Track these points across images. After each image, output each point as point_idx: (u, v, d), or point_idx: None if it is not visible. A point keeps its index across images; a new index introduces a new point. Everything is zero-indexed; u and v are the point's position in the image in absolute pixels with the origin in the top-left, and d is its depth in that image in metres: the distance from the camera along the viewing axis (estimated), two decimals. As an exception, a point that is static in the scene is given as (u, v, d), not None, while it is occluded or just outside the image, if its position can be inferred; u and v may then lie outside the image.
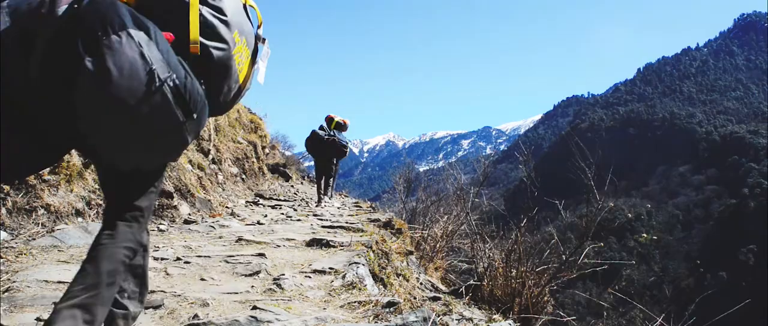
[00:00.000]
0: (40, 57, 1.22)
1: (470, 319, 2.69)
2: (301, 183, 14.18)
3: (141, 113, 1.22)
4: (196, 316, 1.92)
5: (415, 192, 10.69)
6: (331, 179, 8.68)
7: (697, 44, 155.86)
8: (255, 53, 1.70)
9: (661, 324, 3.71)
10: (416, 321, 1.95)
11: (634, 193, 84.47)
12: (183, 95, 1.29)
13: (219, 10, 1.48)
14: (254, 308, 2.03)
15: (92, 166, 3.51)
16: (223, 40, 1.49)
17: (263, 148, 11.16)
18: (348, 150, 8.50)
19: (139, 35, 1.23)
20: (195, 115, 1.33)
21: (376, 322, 2.03)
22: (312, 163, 9.50)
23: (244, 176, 8.69)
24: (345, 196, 13.36)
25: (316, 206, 7.66)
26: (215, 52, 1.47)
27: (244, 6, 1.63)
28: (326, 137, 8.08)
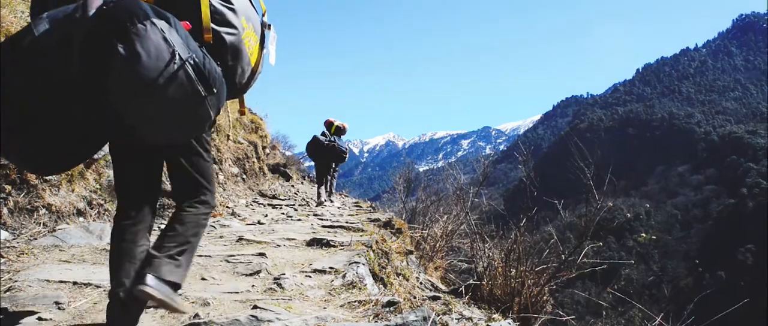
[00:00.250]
0: (77, 53, 1.39)
1: (470, 318, 2.69)
2: (302, 183, 14.18)
3: (168, 90, 1.40)
4: (197, 315, 1.92)
5: (415, 192, 10.69)
6: (332, 182, 8.88)
7: (696, 45, 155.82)
8: (263, 39, 1.90)
9: (660, 323, 3.72)
10: (416, 321, 1.95)
11: (633, 193, 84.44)
12: (203, 72, 1.47)
13: (229, 3, 1.69)
14: (255, 307, 2.03)
15: (93, 167, 3.52)
16: (232, 26, 1.69)
17: (264, 148, 11.17)
18: (347, 155, 8.79)
19: (160, 23, 1.42)
20: (215, 90, 1.51)
21: (376, 321, 2.03)
22: (312, 163, 9.72)
23: (244, 176, 8.69)
24: (345, 196, 13.36)
25: (317, 206, 7.81)
26: (227, 37, 1.67)
27: None
28: (327, 143, 8.35)
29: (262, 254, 3.15)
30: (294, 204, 7.69)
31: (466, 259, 6.30)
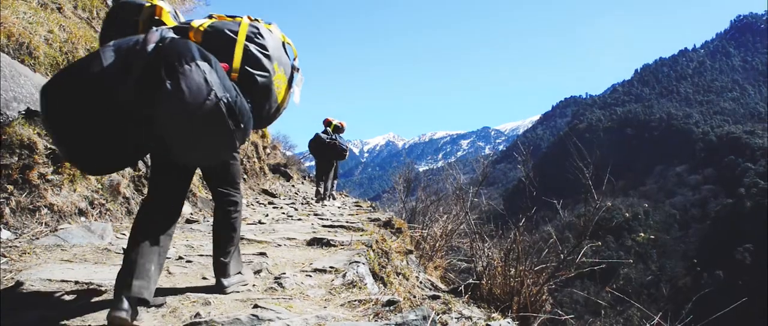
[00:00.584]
0: (134, 81, 1.67)
1: (469, 318, 2.69)
2: (302, 183, 14.18)
3: (203, 122, 1.68)
4: (197, 315, 1.92)
5: (414, 191, 10.68)
6: (333, 180, 9.06)
7: (694, 45, 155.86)
8: (291, 80, 2.19)
9: (659, 322, 3.72)
10: (416, 320, 1.95)
11: (632, 193, 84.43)
12: (234, 109, 1.73)
13: (263, 47, 2.01)
14: (255, 307, 2.03)
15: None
16: (265, 69, 2.01)
17: (264, 148, 11.17)
18: (347, 153, 9.01)
19: (203, 65, 1.70)
20: (242, 125, 1.78)
21: (376, 321, 2.03)
22: (312, 163, 9.92)
23: (245, 176, 8.69)
24: (345, 196, 13.36)
25: (317, 203, 7.98)
26: (259, 79, 1.99)
27: (283, 43, 2.16)
28: (328, 140, 8.56)
29: (262, 253, 3.16)
30: (294, 204, 7.69)
31: (465, 259, 6.30)
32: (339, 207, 7.83)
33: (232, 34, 1.96)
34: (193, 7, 7.95)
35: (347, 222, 5.06)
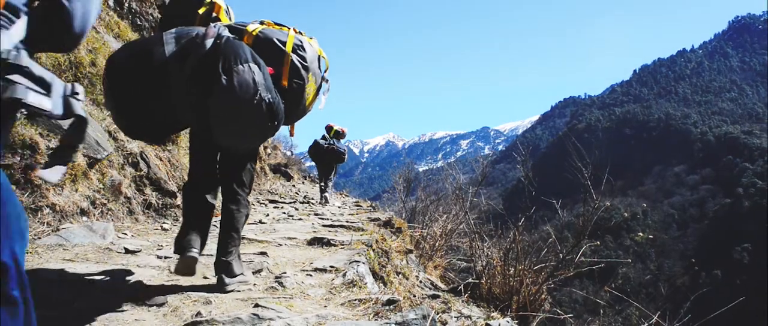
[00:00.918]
0: (189, 71, 1.98)
1: (469, 317, 2.69)
2: (303, 183, 14.18)
3: (246, 116, 1.97)
4: (199, 314, 1.92)
5: (414, 191, 10.69)
6: (330, 180, 9.50)
7: (692, 46, 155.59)
8: (319, 89, 2.48)
9: (657, 321, 3.71)
10: (416, 319, 1.95)
11: (631, 193, 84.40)
12: (272, 109, 2.02)
13: (303, 59, 2.28)
14: (256, 306, 2.03)
15: (96, 167, 3.52)
16: (301, 78, 2.28)
17: (265, 148, 11.17)
18: (346, 156, 9.58)
19: (254, 67, 1.98)
20: (277, 122, 2.09)
21: (376, 320, 2.03)
22: (313, 163, 10.38)
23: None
24: (345, 196, 13.36)
25: (319, 203, 8.35)
26: (295, 85, 2.27)
27: (319, 56, 2.42)
28: (326, 146, 9.09)
29: (263, 253, 3.15)
30: (295, 204, 7.69)
31: (465, 258, 6.30)
32: (339, 207, 7.83)
33: (280, 44, 2.23)
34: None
35: (347, 221, 5.06)
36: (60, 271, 2.30)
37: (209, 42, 2.01)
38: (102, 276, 2.30)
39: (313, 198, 9.15)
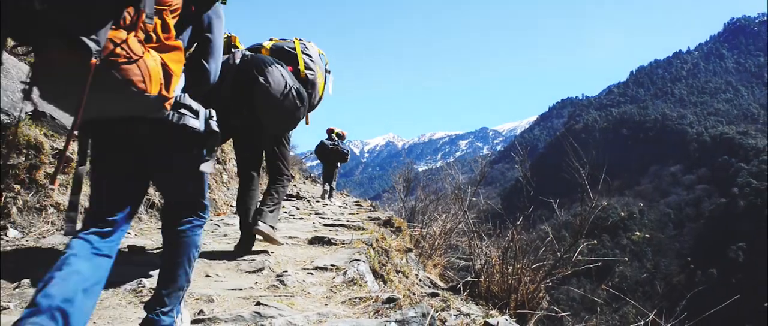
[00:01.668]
0: (229, 84, 2.69)
1: (468, 315, 2.69)
2: (304, 182, 14.18)
3: (284, 103, 2.69)
4: (201, 312, 1.92)
5: (414, 191, 10.70)
6: (333, 179, 10.03)
7: (688, 47, 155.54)
8: (325, 79, 3.22)
9: (654, 319, 3.71)
10: (415, 317, 1.95)
11: (627, 192, 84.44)
12: (300, 94, 2.76)
13: (309, 56, 3.07)
14: (258, 304, 2.03)
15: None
16: (312, 70, 3.04)
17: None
18: (349, 155, 10.29)
19: (278, 67, 2.72)
20: (304, 105, 2.81)
21: (376, 318, 2.03)
22: (314, 162, 10.78)
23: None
24: (346, 195, 13.36)
25: (322, 197, 9.02)
26: (309, 76, 3.02)
27: (319, 54, 3.20)
28: (331, 146, 9.78)
29: (265, 252, 3.15)
30: (296, 203, 7.69)
31: (464, 257, 6.30)
32: (340, 207, 7.83)
33: (291, 49, 3.03)
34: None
35: (348, 221, 5.06)
36: (64, 270, 2.31)
37: (238, 60, 2.71)
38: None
39: (313, 197, 9.33)
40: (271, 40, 3.13)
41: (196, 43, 1.63)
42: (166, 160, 1.51)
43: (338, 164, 10.14)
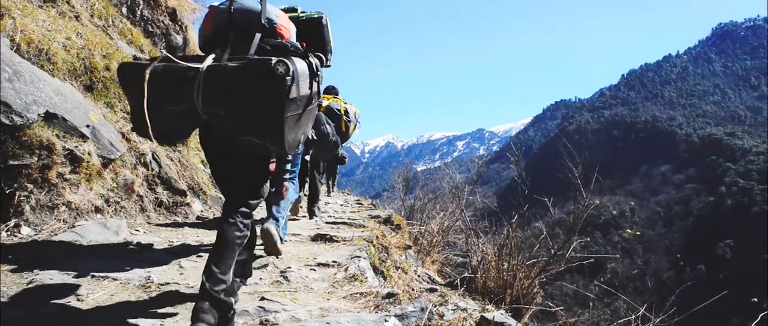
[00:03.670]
0: None
1: (465, 309, 2.69)
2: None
3: (328, 146, 4.53)
4: (208, 306, 1.92)
5: (413, 190, 10.70)
6: (334, 178, 10.10)
7: (678, 52, 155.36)
8: (355, 127, 5.22)
9: (644, 314, 3.71)
10: (414, 311, 1.95)
11: (619, 191, 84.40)
12: (337, 142, 4.75)
13: (348, 116, 5.07)
14: (262, 299, 2.03)
15: (110, 167, 3.51)
16: (347, 125, 5.06)
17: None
18: (346, 160, 10.19)
19: (327, 126, 4.42)
20: (339, 146, 4.95)
21: (376, 312, 2.02)
22: None
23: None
24: (347, 194, 13.35)
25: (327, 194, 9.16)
26: (345, 128, 5.04)
27: (354, 113, 5.04)
28: None
29: (269, 249, 3.15)
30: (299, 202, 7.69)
31: (461, 254, 6.30)
32: (341, 205, 7.82)
33: (337, 111, 4.90)
34: (202, 17, 7.89)
35: (349, 219, 5.06)
36: (76, 266, 2.30)
37: None
38: (116, 271, 2.30)
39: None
40: (327, 94, 4.90)
41: None
42: None
43: (337, 166, 10.27)
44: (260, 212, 3.64)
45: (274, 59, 1.55)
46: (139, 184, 3.82)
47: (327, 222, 4.75)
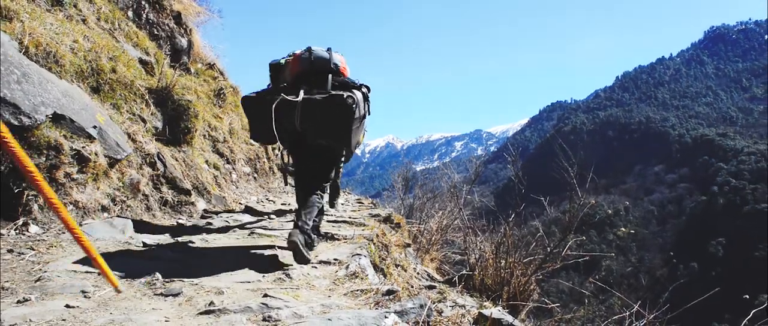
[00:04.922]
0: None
1: (463, 306, 2.69)
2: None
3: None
4: (211, 303, 1.92)
5: (412, 189, 10.70)
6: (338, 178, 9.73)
7: (671, 54, 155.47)
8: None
9: (638, 310, 3.71)
10: (413, 308, 1.95)
11: (613, 191, 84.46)
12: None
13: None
14: (265, 296, 2.03)
15: (116, 166, 3.51)
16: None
17: (274, 149, 11.15)
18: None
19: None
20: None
21: (377, 309, 2.02)
22: None
23: (256, 175, 8.68)
24: (348, 193, 13.34)
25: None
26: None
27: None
28: None
29: (272, 246, 3.15)
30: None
31: (459, 251, 6.30)
32: (342, 204, 7.82)
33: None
34: (207, 20, 7.90)
35: (350, 217, 5.06)
36: (83, 263, 2.30)
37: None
38: (121, 268, 2.30)
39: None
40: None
41: None
42: None
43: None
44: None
45: (345, 94, 2.67)
46: (145, 184, 3.82)
47: (328, 221, 4.75)
